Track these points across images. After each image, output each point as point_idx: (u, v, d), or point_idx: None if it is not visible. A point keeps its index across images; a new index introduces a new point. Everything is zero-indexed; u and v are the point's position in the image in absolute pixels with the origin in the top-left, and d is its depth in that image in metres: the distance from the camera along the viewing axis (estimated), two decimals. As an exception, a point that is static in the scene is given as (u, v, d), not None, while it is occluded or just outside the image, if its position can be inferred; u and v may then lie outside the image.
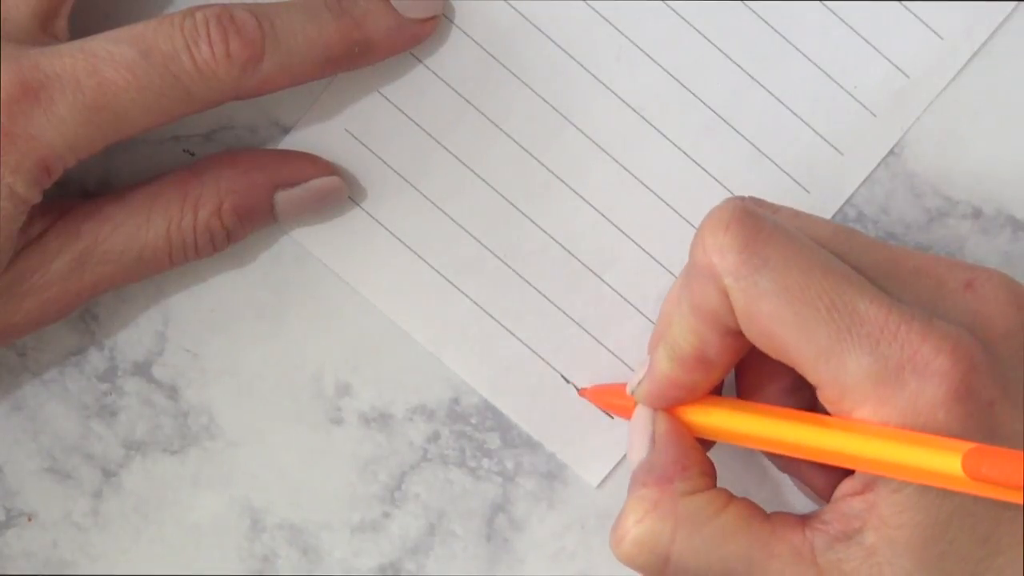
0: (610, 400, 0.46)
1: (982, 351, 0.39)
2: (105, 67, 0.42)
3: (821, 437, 0.39)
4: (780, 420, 0.41)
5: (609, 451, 0.48)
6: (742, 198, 0.41)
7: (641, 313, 0.48)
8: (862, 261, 0.41)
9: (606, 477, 0.48)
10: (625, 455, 0.48)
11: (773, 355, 0.40)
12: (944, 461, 0.37)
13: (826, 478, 0.43)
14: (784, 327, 0.39)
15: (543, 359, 0.48)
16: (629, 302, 0.48)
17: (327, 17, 0.44)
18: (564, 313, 0.48)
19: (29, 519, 0.48)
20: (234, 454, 0.48)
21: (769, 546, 0.40)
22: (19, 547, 0.48)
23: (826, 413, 0.40)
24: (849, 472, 0.40)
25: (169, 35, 0.42)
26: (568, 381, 0.48)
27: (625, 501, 0.41)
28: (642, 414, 0.43)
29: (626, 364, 0.47)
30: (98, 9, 0.46)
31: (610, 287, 0.48)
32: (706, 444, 0.43)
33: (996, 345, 0.40)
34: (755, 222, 0.40)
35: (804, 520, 0.40)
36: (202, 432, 0.48)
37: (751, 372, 0.43)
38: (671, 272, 0.48)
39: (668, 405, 0.42)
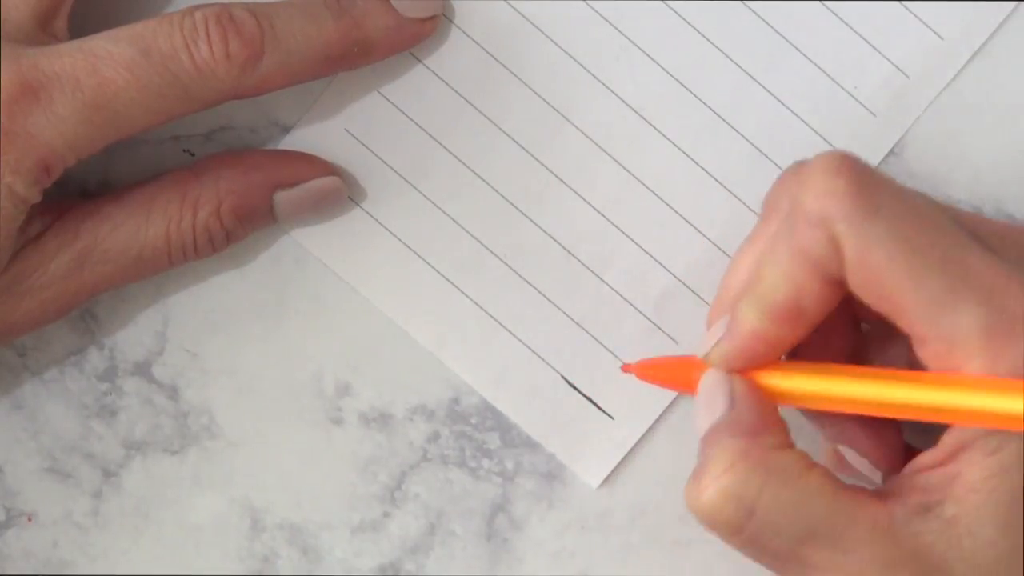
0: (666, 374, 0.44)
1: None
2: (104, 66, 0.42)
3: (925, 393, 0.39)
4: (874, 379, 0.40)
5: (609, 451, 0.48)
6: (840, 151, 0.40)
7: (641, 313, 0.48)
8: (965, 224, 0.40)
9: (606, 477, 0.48)
10: (625, 455, 0.48)
11: (877, 307, 0.39)
12: None
13: (883, 448, 0.42)
14: (896, 276, 0.38)
15: (543, 359, 0.48)
16: (629, 302, 0.48)
17: (326, 17, 0.44)
18: (564, 313, 0.48)
19: (29, 519, 0.48)
20: (234, 454, 0.48)
21: (851, 512, 0.39)
22: (19, 547, 0.48)
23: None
24: (906, 439, 0.40)
25: (168, 34, 0.42)
26: (571, 385, 0.48)
27: (701, 455, 0.40)
28: (715, 377, 0.41)
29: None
30: (98, 9, 0.46)
31: (610, 287, 0.48)
32: None
33: None
34: (866, 169, 0.39)
35: (882, 494, 0.40)
36: (202, 432, 0.48)
37: (807, 339, 0.41)
38: (671, 272, 0.48)
39: (749, 365, 0.41)
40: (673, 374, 0.43)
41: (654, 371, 0.44)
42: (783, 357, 0.42)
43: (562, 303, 0.48)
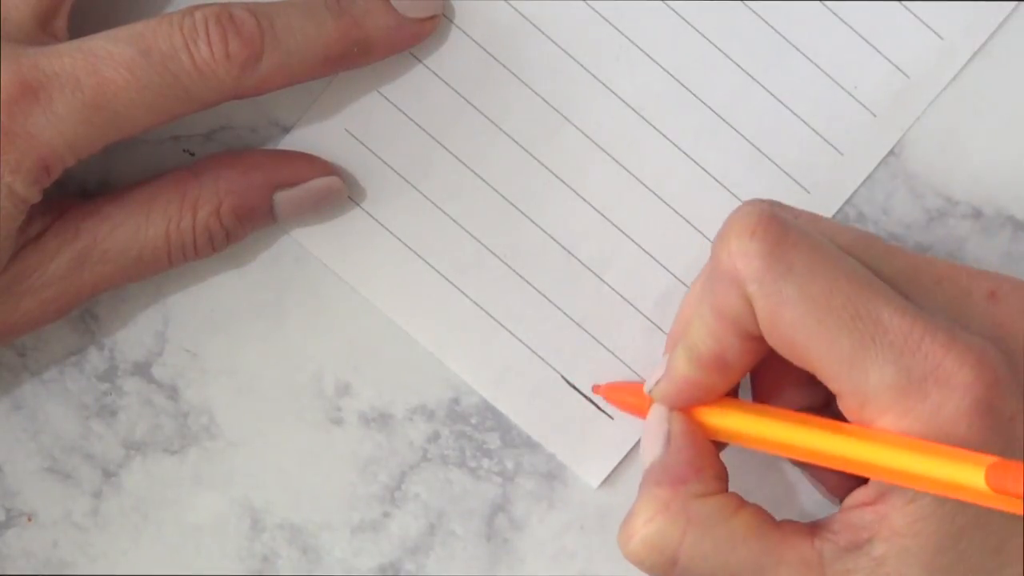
0: (625, 398, 0.46)
1: (1005, 364, 0.39)
2: (104, 66, 0.42)
3: (841, 445, 0.39)
4: (799, 426, 0.40)
5: (609, 451, 0.48)
6: (764, 201, 0.41)
7: (641, 313, 0.48)
8: (884, 268, 0.40)
9: (606, 477, 0.48)
10: (625, 455, 0.48)
11: (795, 362, 0.40)
12: (967, 474, 0.37)
13: (839, 478, 0.42)
14: (807, 335, 0.39)
15: (543, 359, 0.48)
16: (629, 302, 0.48)
17: (326, 16, 0.44)
18: (564, 313, 0.48)
19: (29, 519, 0.48)
20: (234, 454, 0.48)
21: (778, 553, 0.40)
22: (19, 547, 0.48)
23: (843, 420, 0.40)
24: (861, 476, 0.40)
25: (168, 34, 0.42)
26: (571, 385, 0.48)
27: (636, 500, 0.41)
28: (658, 413, 0.42)
29: (626, 364, 0.47)
30: (98, 9, 0.46)
31: (610, 287, 0.48)
32: (719, 445, 0.43)
33: (1018, 356, 0.40)
34: (781, 227, 0.39)
35: (813, 529, 0.40)
36: (202, 432, 0.48)
37: (767, 374, 0.43)
38: (671, 272, 0.48)
39: (685, 405, 0.42)
40: (633, 401, 0.45)
41: (622, 395, 0.46)
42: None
43: (562, 303, 0.48)
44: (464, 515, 0.48)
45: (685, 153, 0.48)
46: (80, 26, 0.44)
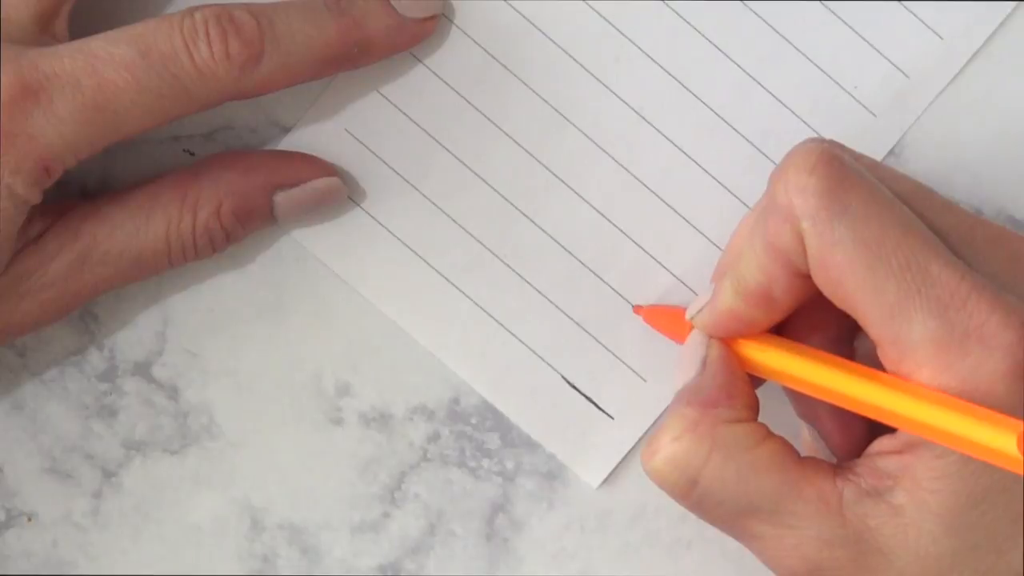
0: (664, 322, 0.46)
1: None
2: (104, 67, 0.42)
3: (878, 393, 0.39)
4: (836, 369, 0.40)
5: (609, 451, 0.48)
6: (826, 140, 0.41)
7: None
8: (939, 223, 0.40)
9: (606, 477, 0.48)
10: (625, 455, 0.48)
11: (838, 304, 0.40)
12: (999, 437, 0.37)
13: (845, 434, 0.43)
14: (855, 278, 0.39)
15: (543, 359, 0.48)
16: (629, 302, 0.48)
17: (326, 17, 0.44)
18: (564, 313, 0.48)
19: (29, 519, 0.48)
20: (234, 454, 0.48)
21: (798, 488, 0.40)
22: (19, 547, 0.48)
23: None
24: (874, 431, 0.40)
25: (168, 35, 0.42)
26: (571, 385, 0.48)
27: (664, 418, 0.41)
28: (696, 339, 0.42)
29: (625, 364, 0.47)
30: (98, 9, 0.46)
31: (610, 287, 0.48)
32: (754, 382, 0.43)
33: None
34: (841, 167, 0.39)
35: (836, 470, 0.40)
36: (202, 432, 0.48)
37: (800, 317, 0.43)
38: (671, 272, 0.48)
39: (724, 336, 0.42)
40: (672, 325, 0.45)
41: (663, 318, 0.46)
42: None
43: (562, 303, 0.48)
44: (464, 515, 0.48)
45: (685, 153, 0.48)
46: (80, 27, 0.44)
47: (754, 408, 0.42)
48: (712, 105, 0.48)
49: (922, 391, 0.38)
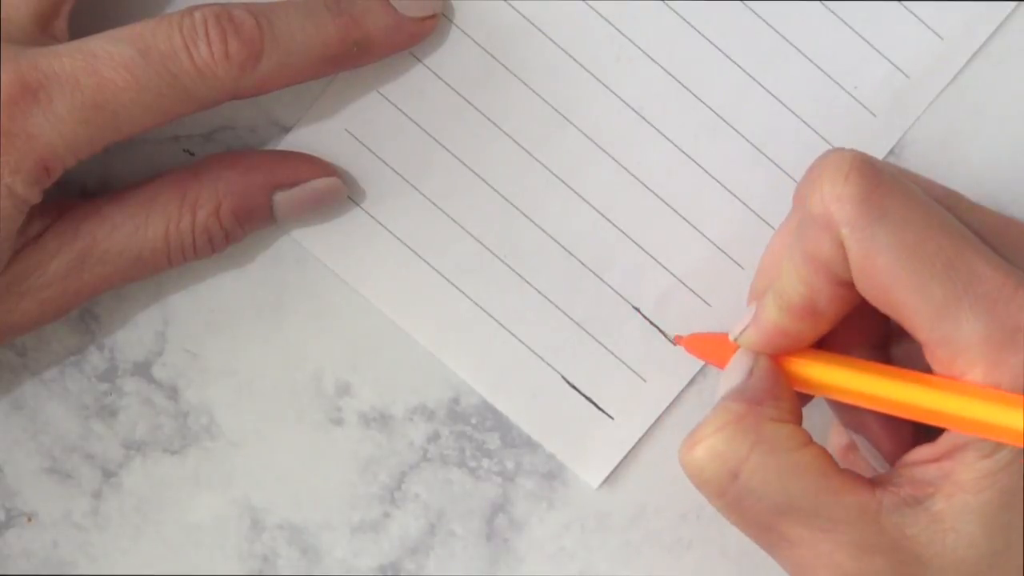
0: (708, 349, 0.45)
1: None
2: (104, 67, 0.42)
3: (933, 397, 0.39)
4: (888, 377, 0.40)
5: (609, 451, 0.48)
6: (853, 150, 0.40)
7: (641, 313, 0.48)
8: (972, 223, 0.40)
9: (606, 477, 0.48)
10: (625, 455, 0.48)
11: (884, 310, 0.39)
12: None
13: (895, 441, 0.43)
14: (899, 282, 0.38)
15: (543, 359, 0.48)
16: (629, 302, 0.48)
17: (326, 16, 0.44)
18: (564, 313, 0.48)
19: (29, 519, 0.48)
20: (234, 454, 0.48)
21: (838, 494, 0.39)
22: (19, 547, 0.48)
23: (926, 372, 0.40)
24: (919, 437, 0.40)
25: (168, 35, 0.42)
26: (571, 385, 0.48)
27: (708, 413, 0.41)
28: (743, 355, 0.42)
29: (625, 364, 0.47)
30: (98, 9, 0.46)
31: (610, 287, 0.48)
32: (802, 400, 0.42)
33: None
34: (875, 173, 0.39)
35: (875, 480, 0.40)
36: (202, 432, 0.48)
37: (836, 329, 0.42)
38: (671, 272, 0.48)
39: (773, 352, 0.42)
40: (713, 350, 0.45)
41: (706, 346, 0.45)
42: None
43: (562, 303, 0.48)
44: (464, 515, 0.48)
45: (685, 153, 0.48)
46: (80, 27, 0.44)
47: (798, 415, 0.41)
48: (712, 105, 0.48)
49: (974, 389, 0.38)
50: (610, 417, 0.48)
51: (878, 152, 0.47)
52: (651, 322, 0.48)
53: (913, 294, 0.38)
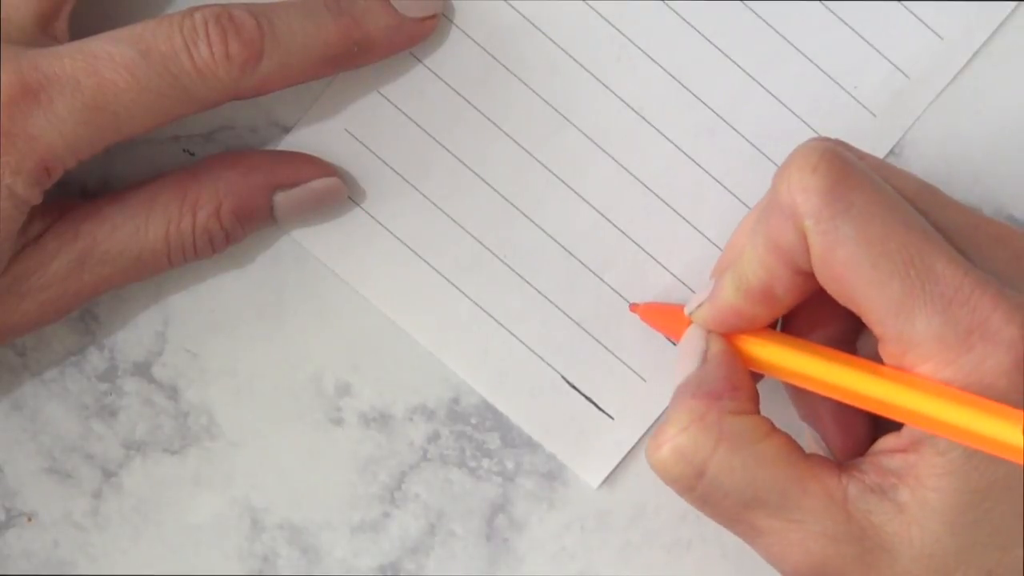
0: (661, 319, 0.46)
1: None
2: (104, 67, 0.42)
3: (881, 387, 0.39)
4: (839, 364, 0.40)
5: (609, 451, 0.48)
6: (830, 139, 0.41)
7: (641, 313, 0.48)
8: (943, 221, 0.40)
9: (606, 477, 0.48)
10: (625, 455, 0.48)
11: (841, 301, 0.40)
12: (1005, 429, 0.37)
13: (846, 436, 0.43)
14: (858, 275, 0.39)
15: (543, 359, 0.48)
16: (629, 302, 0.48)
17: (326, 16, 0.44)
18: (564, 313, 0.48)
19: (29, 519, 0.48)
20: (234, 454, 0.48)
21: (804, 482, 0.40)
22: (19, 547, 0.48)
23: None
24: (875, 433, 0.40)
25: (168, 35, 0.42)
26: (571, 385, 0.48)
27: (668, 411, 0.41)
28: (695, 333, 0.42)
29: (625, 364, 0.47)
30: (98, 10, 0.46)
31: (610, 287, 0.48)
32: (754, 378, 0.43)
33: None
34: (844, 165, 0.39)
35: (841, 466, 0.40)
36: (202, 432, 0.48)
37: (802, 314, 0.43)
38: (671, 272, 0.48)
39: (724, 332, 0.42)
40: (669, 322, 0.45)
41: (660, 316, 0.46)
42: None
43: (562, 303, 0.48)
44: (464, 515, 0.48)
45: (685, 153, 0.48)
46: (80, 27, 0.44)
47: (756, 402, 0.42)
48: (712, 105, 0.48)
49: (927, 384, 0.38)
50: (610, 417, 0.48)
51: (878, 152, 0.47)
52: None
53: (871, 288, 0.39)
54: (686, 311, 0.43)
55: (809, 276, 0.40)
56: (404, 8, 0.45)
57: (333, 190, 0.46)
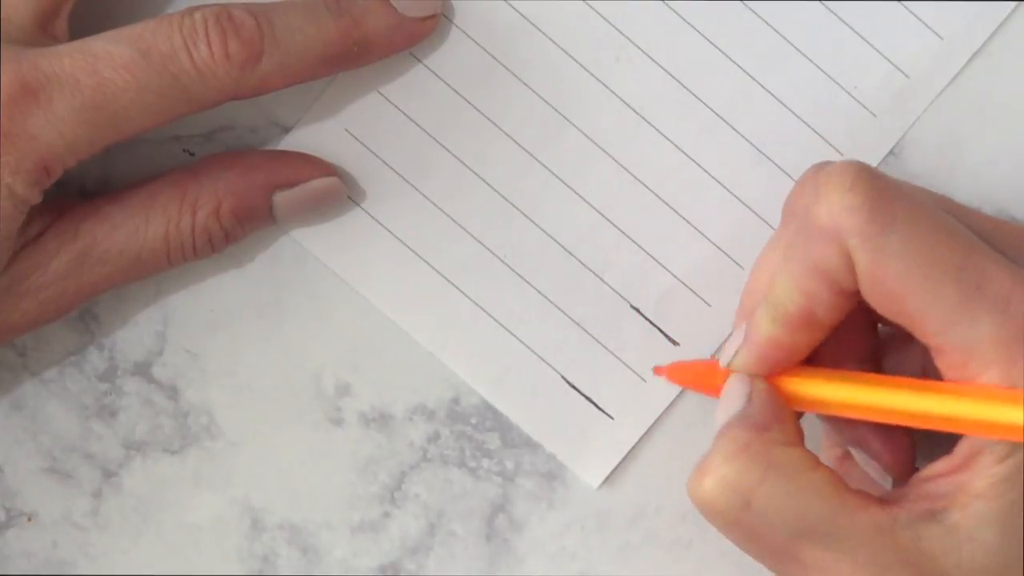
0: (693, 378, 0.45)
1: None
2: (104, 67, 0.42)
3: (943, 403, 0.39)
4: (888, 388, 0.40)
5: (609, 451, 0.48)
6: (852, 160, 0.40)
7: (641, 313, 0.48)
8: (972, 226, 0.40)
9: (606, 477, 0.48)
10: (625, 455, 0.48)
11: (892, 317, 0.39)
12: None
13: (894, 452, 0.42)
14: (911, 287, 0.38)
15: (543, 359, 0.48)
16: (629, 302, 0.48)
17: (326, 16, 0.44)
18: (564, 313, 0.48)
19: (29, 519, 0.48)
20: (234, 454, 0.48)
21: (852, 514, 0.39)
22: (19, 547, 0.48)
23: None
24: (917, 444, 0.40)
25: (168, 35, 0.42)
26: (571, 385, 0.48)
27: (712, 447, 0.40)
28: (738, 379, 0.42)
29: (626, 364, 0.47)
30: (98, 9, 0.46)
31: (610, 287, 0.48)
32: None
33: None
34: (879, 181, 0.39)
35: (888, 498, 0.40)
36: (202, 432, 0.48)
37: (827, 346, 0.42)
38: (671, 272, 0.48)
39: (768, 370, 0.42)
40: (700, 378, 0.44)
41: (690, 375, 0.45)
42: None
43: (562, 303, 0.48)
44: (464, 515, 0.48)
45: (685, 153, 0.48)
46: (80, 27, 0.44)
47: (802, 437, 0.41)
48: (712, 105, 0.48)
49: (987, 390, 0.38)
50: (610, 417, 0.48)
51: (878, 152, 0.47)
52: (651, 322, 0.48)
53: (925, 298, 0.38)
54: (722, 363, 0.42)
55: (850, 295, 0.40)
56: (404, 8, 0.45)
57: (333, 190, 0.46)
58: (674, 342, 0.47)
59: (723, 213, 0.47)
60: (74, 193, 0.47)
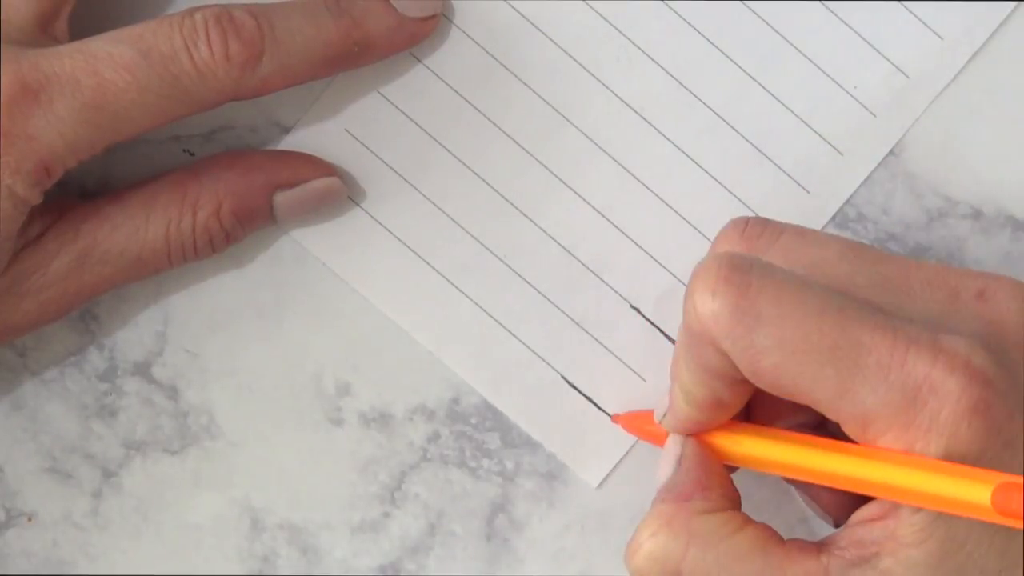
0: (643, 427, 0.46)
1: (995, 362, 0.38)
2: (104, 68, 0.42)
3: (849, 466, 0.39)
4: (807, 448, 0.41)
5: (609, 451, 0.48)
6: (725, 253, 0.40)
7: (641, 313, 0.48)
8: (872, 277, 0.40)
9: (606, 477, 0.48)
10: (625, 455, 0.48)
11: (788, 399, 0.40)
12: (973, 493, 0.37)
13: (836, 498, 0.43)
14: (791, 377, 0.39)
15: (543, 359, 0.48)
16: (629, 302, 0.48)
17: (326, 17, 0.44)
18: (564, 313, 0.48)
19: (29, 519, 0.48)
20: (234, 454, 0.48)
21: (782, 570, 0.40)
22: (19, 547, 0.48)
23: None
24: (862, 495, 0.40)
25: (168, 36, 0.42)
26: (571, 385, 0.48)
27: (646, 515, 0.41)
28: (673, 439, 0.43)
29: (625, 364, 0.47)
30: (98, 10, 0.46)
31: (610, 287, 0.48)
32: (732, 468, 0.43)
33: (1011, 352, 0.40)
34: (741, 278, 0.39)
35: (819, 546, 0.40)
36: (202, 432, 0.48)
37: (765, 404, 0.43)
38: (671, 272, 0.48)
39: (692, 433, 0.42)
40: (651, 430, 0.45)
41: (641, 424, 0.46)
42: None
43: (562, 303, 0.48)
44: (464, 515, 0.48)
45: (685, 153, 0.48)
46: (80, 27, 0.44)
47: (732, 498, 0.42)
48: (712, 105, 0.48)
49: (892, 456, 0.38)
50: (610, 417, 0.48)
51: (878, 152, 0.47)
52: (651, 322, 0.48)
53: (808, 384, 0.39)
54: (655, 419, 0.43)
55: (747, 383, 0.40)
56: (404, 8, 0.45)
57: (333, 190, 0.46)
58: (674, 342, 0.47)
59: (723, 213, 0.47)
60: (74, 194, 0.47)
